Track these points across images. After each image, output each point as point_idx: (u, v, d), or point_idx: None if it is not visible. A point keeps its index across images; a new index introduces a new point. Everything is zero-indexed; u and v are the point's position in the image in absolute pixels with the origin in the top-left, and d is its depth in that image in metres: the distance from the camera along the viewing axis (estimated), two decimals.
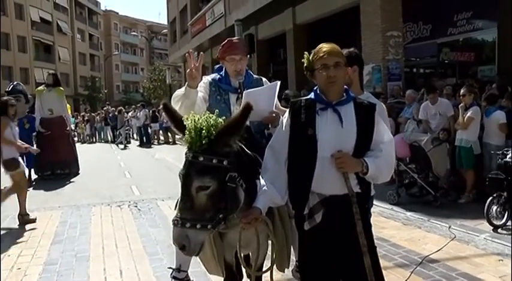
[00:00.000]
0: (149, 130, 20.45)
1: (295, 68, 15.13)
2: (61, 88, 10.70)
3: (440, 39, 12.22)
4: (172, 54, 31.92)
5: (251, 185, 2.25)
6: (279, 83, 2.80)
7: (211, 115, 2.10)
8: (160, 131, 21.34)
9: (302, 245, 2.28)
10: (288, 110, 2.29)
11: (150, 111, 21.38)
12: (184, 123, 2.09)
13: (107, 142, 22.75)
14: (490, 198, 5.30)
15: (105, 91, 52.45)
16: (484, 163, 6.51)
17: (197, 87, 2.75)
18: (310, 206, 2.16)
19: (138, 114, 20.69)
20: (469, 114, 6.26)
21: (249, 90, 2.74)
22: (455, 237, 4.90)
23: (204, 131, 2.02)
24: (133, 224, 5.94)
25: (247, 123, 2.89)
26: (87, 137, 24.10)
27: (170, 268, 3.23)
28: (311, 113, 2.18)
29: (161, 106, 2.32)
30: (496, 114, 6.34)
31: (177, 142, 20.28)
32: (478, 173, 6.51)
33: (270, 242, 2.74)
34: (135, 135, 22.13)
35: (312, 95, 2.27)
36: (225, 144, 2.08)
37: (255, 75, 3.21)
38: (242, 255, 2.50)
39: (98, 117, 24.23)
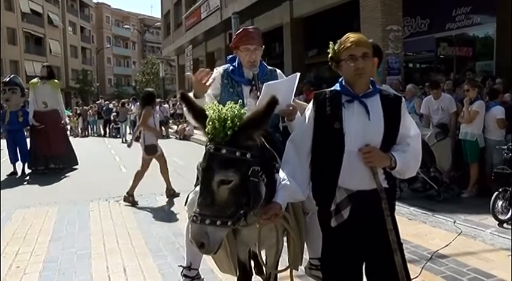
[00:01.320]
0: None
1: (292, 61, 15.03)
2: (56, 81, 10.49)
3: (438, 34, 12.20)
4: (165, 48, 31.66)
5: (271, 179, 2.16)
6: (298, 75, 2.68)
7: (235, 105, 2.00)
8: None
9: (327, 242, 2.18)
10: (311, 103, 2.19)
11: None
12: (207, 113, 1.99)
13: (99, 135, 22.49)
14: (496, 193, 5.26)
15: (97, 84, 52.03)
16: (485, 158, 6.50)
17: (203, 96, 2.63)
18: (337, 201, 2.07)
19: (131, 107, 20.45)
20: (474, 107, 6.24)
21: (269, 82, 2.63)
22: (461, 232, 4.86)
23: (228, 122, 1.92)
24: (133, 220, 5.82)
25: None
26: (80, 131, 23.80)
27: (180, 266, 3.11)
28: (337, 106, 2.09)
29: (178, 96, 2.18)
30: (495, 109, 6.34)
31: (170, 136, 20.12)
32: (479, 168, 6.51)
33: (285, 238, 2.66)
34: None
35: (337, 87, 2.17)
36: (249, 137, 1.98)
37: (269, 67, 3.10)
38: (258, 253, 2.40)
39: (90, 110, 23.93)
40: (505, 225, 5.13)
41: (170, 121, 22.00)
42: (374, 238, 2.07)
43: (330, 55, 2.18)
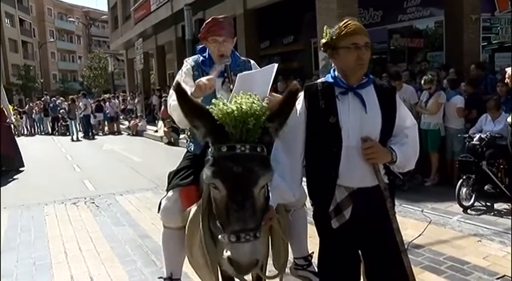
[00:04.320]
0: (92, 120, 19.41)
1: (246, 54, 14.85)
2: None
3: (390, 25, 12.43)
4: (113, 42, 30.45)
5: None
6: (276, 66, 2.49)
7: (252, 97, 1.75)
8: (105, 122, 20.37)
9: (326, 245, 2.05)
10: (301, 96, 2.03)
11: (95, 101, 20.37)
12: (225, 108, 1.71)
13: (47, 134, 21.41)
14: (460, 180, 5.39)
15: (41, 80, 49.48)
16: (446, 146, 6.65)
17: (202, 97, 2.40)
18: (337, 201, 1.94)
19: (80, 104, 19.57)
20: (439, 100, 6.38)
21: (243, 72, 2.44)
22: (431, 221, 4.92)
23: (263, 117, 1.69)
24: (94, 223, 5.48)
25: None
26: (25, 130, 22.54)
27: (160, 278, 2.87)
28: (331, 99, 1.95)
29: (174, 88, 1.77)
30: (455, 98, 6.49)
31: (122, 132, 19.50)
32: (439, 156, 6.66)
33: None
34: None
35: (328, 78, 2.04)
36: (270, 132, 1.76)
37: (242, 57, 2.92)
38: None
39: (36, 108, 22.70)
40: (469, 211, 5.27)
41: (121, 117, 21.32)
42: (379, 237, 1.96)
43: (324, 41, 2.02)
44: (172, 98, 2.57)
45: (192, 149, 2.72)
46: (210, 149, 1.75)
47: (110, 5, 30.71)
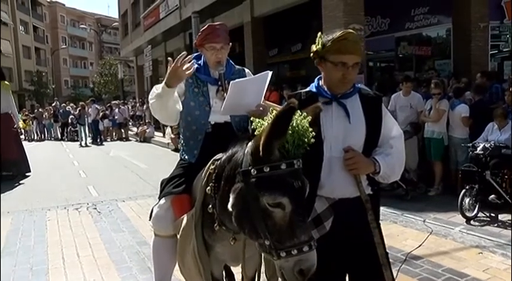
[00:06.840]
0: (100, 126, 19.57)
1: (253, 61, 14.89)
2: (6, 82, 9.91)
3: (398, 33, 12.39)
4: (124, 48, 30.76)
5: None
6: (270, 73, 2.48)
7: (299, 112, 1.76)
8: (113, 128, 20.53)
9: None
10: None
11: (103, 107, 20.56)
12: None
13: (56, 139, 21.62)
14: (463, 191, 5.31)
15: (53, 86, 50.10)
16: (450, 156, 6.58)
17: (176, 86, 2.44)
18: (317, 212, 1.90)
19: (88, 110, 19.75)
20: (442, 107, 6.31)
21: (236, 80, 2.43)
22: (432, 231, 4.85)
23: (313, 132, 1.72)
24: (94, 229, 5.49)
25: (228, 119, 2.63)
26: (36, 135, 22.80)
27: None
28: None
29: (287, 108, 1.60)
30: (460, 107, 6.41)
31: (130, 138, 19.62)
32: (443, 165, 6.59)
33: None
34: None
35: (312, 88, 2.02)
36: None
37: (236, 66, 2.91)
38: (242, 268, 2.25)
39: (46, 113, 22.96)
40: (472, 222, 5.19)
41: (130, 123, 21.47)
42: (360, 250, 1.92)
43: (315, 49, 1.99)
44: (152, 96, 2.57)
45: (185, 157, 2.71)
46: (252, 170, 1.67)
47: (120, 12, 31.08)
